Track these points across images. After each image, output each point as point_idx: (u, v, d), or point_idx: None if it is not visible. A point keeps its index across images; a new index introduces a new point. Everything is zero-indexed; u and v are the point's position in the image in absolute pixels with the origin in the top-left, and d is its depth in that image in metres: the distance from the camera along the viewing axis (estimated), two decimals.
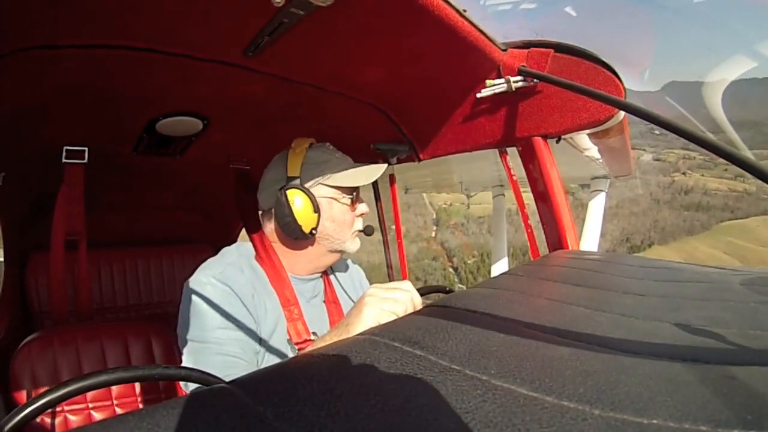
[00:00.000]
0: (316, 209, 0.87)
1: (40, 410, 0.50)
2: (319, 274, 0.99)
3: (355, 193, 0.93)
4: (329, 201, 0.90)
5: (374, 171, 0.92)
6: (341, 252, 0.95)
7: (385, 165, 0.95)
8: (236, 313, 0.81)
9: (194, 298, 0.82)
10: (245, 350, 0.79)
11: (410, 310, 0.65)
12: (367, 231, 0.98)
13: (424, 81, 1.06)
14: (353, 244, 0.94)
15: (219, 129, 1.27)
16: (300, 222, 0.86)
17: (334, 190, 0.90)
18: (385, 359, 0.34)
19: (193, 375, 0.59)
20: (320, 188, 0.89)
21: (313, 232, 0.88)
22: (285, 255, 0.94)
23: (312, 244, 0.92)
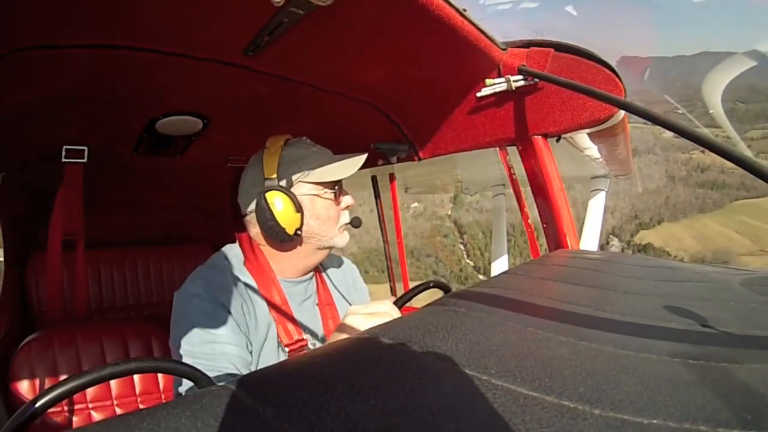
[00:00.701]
0: (299, 209, 0.84)
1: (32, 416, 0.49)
2: (311, 275, 0.97)
3: (337, 187, 0.91)
4: (311, 198, 0.88)
5: (354, 162, 0.89)
6: (330, 248, 0.93)
7: (365, 155, 0.91)
8: (225, 325, 0.79)
9: (183, 311, 0.81)
10: (236, 364, 0.77)
11: None
12: (354, 223, 0.95)
13: (424, 80, 1.06)
14: (342, 239, 0.92)
15: (219, 129, 1.27)
16: (283, 224, 0.83)
17: (315, 186, 0.88)
18: (385, 359, 0.34)
19: (161, 366, 0.58)
20: (300, 186, 0.87)
21: (298, 232, 0.85)
22: (273, 258, 0.91)
23: (299, 244, 0.90)
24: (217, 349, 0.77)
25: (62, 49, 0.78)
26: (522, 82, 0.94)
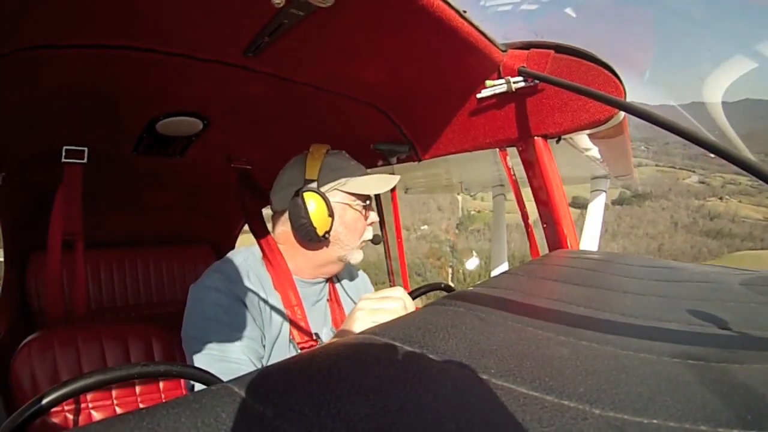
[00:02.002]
0: (331, 213, 0.89)
1: (35, 415, 0.49)
2: (325, 279, 1.00)
3: (368, 201, 0.95)
4: (343, 206, 0.92)
5: (389, 181, 0.94)
6: (345, 262, 0.96)
7: (398, 177, 0.97)
8: (241, 319, 0.82)
9: (199, 302, 0.83)
10: (249, 356, 0.79)
11: None
12: (375, 240, 1.00)
13: (425, 81, 1.06)
14: (357, 255, 0.95)
15: (219, 129, 1.27)
16: (315, 224, 0.87)
17: (348, 196, 0.92)
18: (385, 359, 0.34)
19: (174, 370, 0.59)
20: (335, 193, 0.91)
21: (326, 235, 0.89)
22: (293, 257, 0.95)
23: (324, 247, 0.94)
24: (232, 342, 0.79)
25: (63, 49, 0.78)
26: (522, 84, 0.94)
